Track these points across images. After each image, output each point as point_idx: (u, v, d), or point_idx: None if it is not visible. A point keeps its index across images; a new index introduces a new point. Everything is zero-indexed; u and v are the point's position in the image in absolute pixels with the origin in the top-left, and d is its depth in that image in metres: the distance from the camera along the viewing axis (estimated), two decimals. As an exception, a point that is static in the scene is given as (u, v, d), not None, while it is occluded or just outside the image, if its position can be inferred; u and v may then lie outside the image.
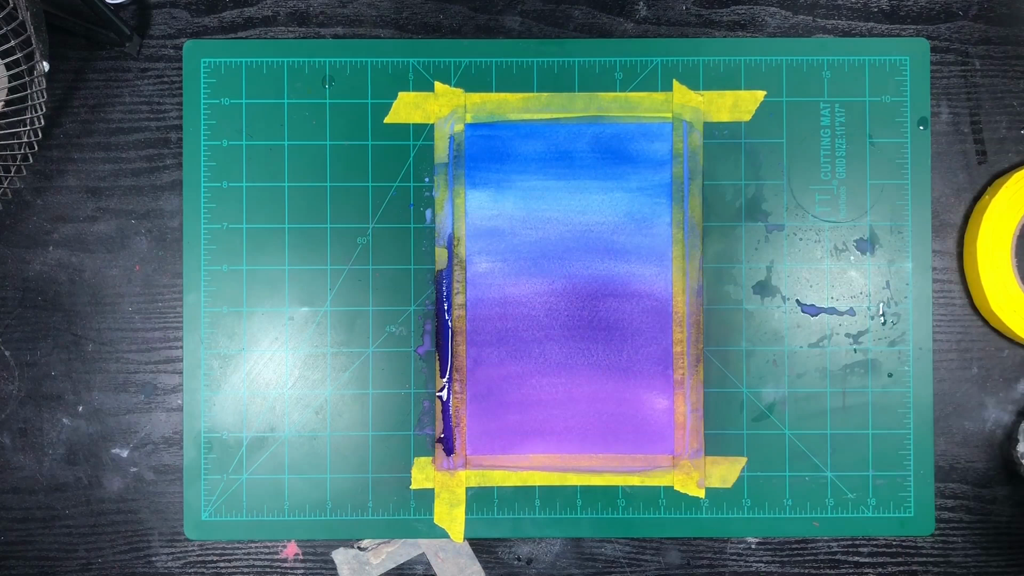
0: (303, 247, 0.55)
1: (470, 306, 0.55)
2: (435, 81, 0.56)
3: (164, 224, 0.56)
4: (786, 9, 0.57)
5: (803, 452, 0.55)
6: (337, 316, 0.55)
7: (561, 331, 0.55)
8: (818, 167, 0.56)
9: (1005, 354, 0.56)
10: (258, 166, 0.55)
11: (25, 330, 0.56)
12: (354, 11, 0.57)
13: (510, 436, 0.55)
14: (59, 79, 0.56)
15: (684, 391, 0.54)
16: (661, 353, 0.55)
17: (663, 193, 0.55)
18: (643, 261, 0.55)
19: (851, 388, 0.55)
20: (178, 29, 0.56)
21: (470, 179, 0.55)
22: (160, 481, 0.56)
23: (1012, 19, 0.57)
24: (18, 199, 0.56)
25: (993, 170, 0.56)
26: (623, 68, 0.56)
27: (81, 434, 0.56)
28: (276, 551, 0.56)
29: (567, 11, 0.57)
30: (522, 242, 0.55)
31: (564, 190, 0.55)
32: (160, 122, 0.56)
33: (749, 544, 0.56)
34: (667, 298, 0.55)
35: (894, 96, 0.56)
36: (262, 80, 0.56)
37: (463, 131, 0.55)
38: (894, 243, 0.55)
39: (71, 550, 0.56)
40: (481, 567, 0.55)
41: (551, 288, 0.55)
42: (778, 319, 0.55)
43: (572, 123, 0.55)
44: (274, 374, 0.55)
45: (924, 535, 0.55)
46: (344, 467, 0.55)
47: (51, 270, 0.56)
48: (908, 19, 0.57)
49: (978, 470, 0.56)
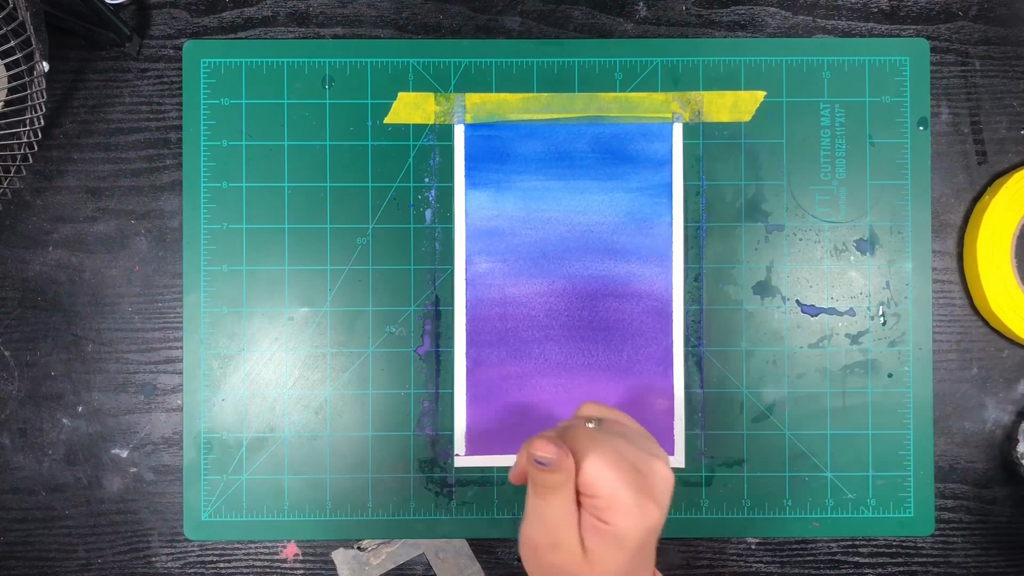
0: (303, 247, 0.55)
1: (470, 306, 0.55)
2: (435, 82, 0.56)
3: (164, 224, 0.56)
4: (786, 9, 0.57)
5: (803, 452, 0.55)
6: (337, 316, 0.55)
7: (561, 331, 0.55)
8: (818, 167, 0.56)
9: (1005, 354, 0.56)
10: (258, 166, 0.55)
11: (25, 330, 0.56)
12: (354, 11, 0.56)
13: (510, 437, 0.55)
14: (59, 79, 0.56)
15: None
16: (661, 353, 0.55)
17: (663, 193, 0.55)
18: (643, 261, 0.55)
19: (851, 388, 0.55)
20: (178, 29, 0.56)
21: (470, 179, 0.55)
22: (160, 481, 0.56)
23: (1012, 19, 0.57)
24: (18, 199, 0.56)
25: (993, 170, 0.56)
26: (623, 68, 0.56)
27: (81, 434, 0.56)
28: (276, 551, 0.56)
29: (567, 11, 0.57)
30: (522, 242, 0.55)
31: (564, 190, 0.55)
32: (160, 122, 0.56)
33: (749, 544, 0.56)
34: (667, 298, 0.55)
35: (894, 96, 0.56)
36: (262, 80, 0.56)
37: (463, 131, 0.55)
38: (894, 243, 0.55)
39: (71, 550, 0.56)
40: (481, 567, 0.55)
41: (551, 288, 0.55)
42: (778, 319, 0.55)
43: (572, 123, 0.55)
44: (274, 374, 0.55)
45: (924, 535, 0.55)
46: (344, 467, 0.55)
47: (51, 270, 0.56)
48: (908, 19, 0.57)
49: (978, 470, 0.56)
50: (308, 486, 0.55)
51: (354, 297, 0.55)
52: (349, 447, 0.55)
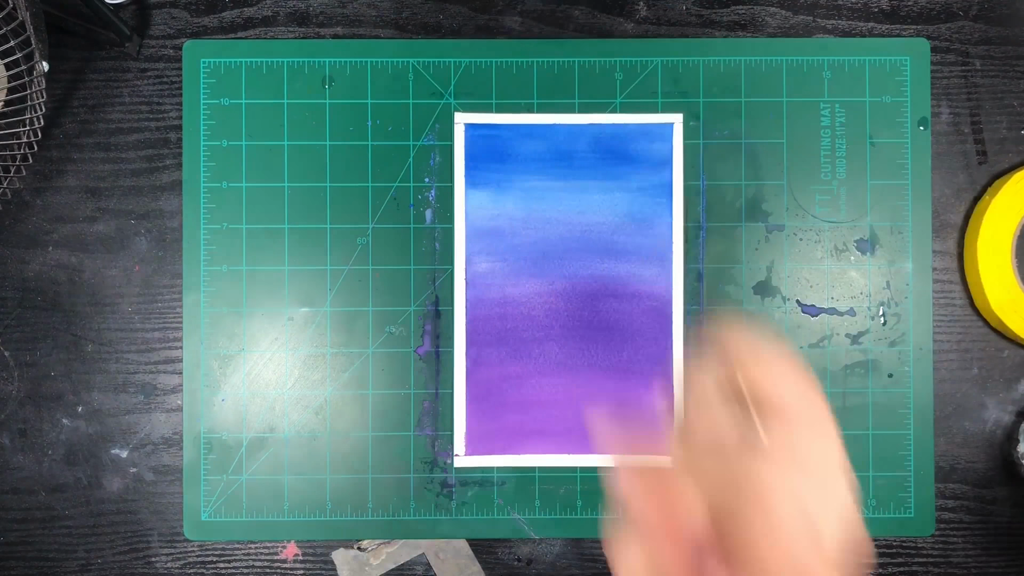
0: (303, 248, 0.55)
1: (470, 306, 0.55)
2: (435, 82, 0.56)
3: (164, 224, 0.56)
4: (786, 9, 0.57)
5: (803, 452, 0.55)
6: (337, 317, 0.55)
7: (561, 331, 0.55)
8: (818, 167, 0.56)
9: (1005, 355, 0.56)
10: (258, 166, 0.55)
11: (25, 330, 0.56)
12: (354, 11, 0.56)
13: (509, 437, 0.55)
14: (59, 79, 0.56)
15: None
16: (662, 354, 0.55)
17: (663, 193, 0.55)
18: (643, 261, 0.55)
19: (851, 388, 0.55)
20: (178, 29, 0.56)
21: (470, 179, 0.55)
22: (160, 481, 0.56)
23: (1012, 19, 0.57)
24: (18, 199, 0.56)
25: (993, 170, 0.56)
26: (623, 68, 0.56)
27: (81, 434, 0.56)
28: (276, 551, 0.55)
29: (567, 11, 0.57)
30: (522, 242, 0.55)
31: (564, 190, 0.55)
32: (160, 122, 0.56)
33: (749, 544, 0.56)
34: (667, 298, 0.55)
35: (894, 96, 0.56)
36: (262, 80, 0.56)
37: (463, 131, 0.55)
38: (894, 243, 0.55)
39: (71, 550, 0.56)
40: (481, 567, 0.55)
41: (551, 288, 0.55)
42: (778, 319, 0.55)
43: (572, 123, 0.55)
44: (274, 375, 0.55)
45: (924, 535, 0.55)
46: (344, 467, 0.55)
47: (50, 270, 0.56)
48: (908, 19, 0.57)
49: (978, 470, 0.56)
50: (308, 486, 0.55)
51: (354, 297, 0.55)
52: (349, 447, 0.55)
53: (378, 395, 0.55)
